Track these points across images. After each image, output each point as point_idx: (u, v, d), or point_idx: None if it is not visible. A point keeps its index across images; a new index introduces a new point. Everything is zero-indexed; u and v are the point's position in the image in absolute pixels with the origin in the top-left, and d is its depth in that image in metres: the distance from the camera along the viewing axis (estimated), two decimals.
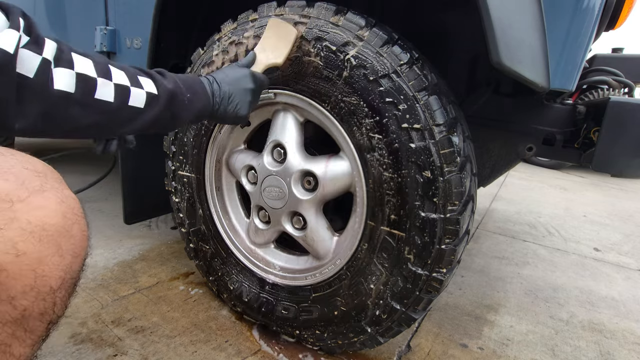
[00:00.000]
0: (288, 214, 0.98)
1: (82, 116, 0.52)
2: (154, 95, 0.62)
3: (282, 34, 0.83)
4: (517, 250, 1.96)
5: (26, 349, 0.39)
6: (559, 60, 0.84)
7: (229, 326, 1.13)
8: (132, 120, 0.60)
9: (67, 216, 0.40)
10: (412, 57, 0.78)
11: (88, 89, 0.52)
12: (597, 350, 1.20)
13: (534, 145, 1.09)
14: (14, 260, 0.34)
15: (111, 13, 1.29)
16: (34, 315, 0.37)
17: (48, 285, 0.37)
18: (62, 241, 0.38)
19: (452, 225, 0.78)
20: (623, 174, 0.87)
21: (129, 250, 1.53)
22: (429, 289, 0.83)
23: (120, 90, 0.57)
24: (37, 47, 0.46)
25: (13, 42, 0.42)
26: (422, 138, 0.76)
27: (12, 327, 0.36)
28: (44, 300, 0.37)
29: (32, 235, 0.36)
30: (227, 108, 0.76)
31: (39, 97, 0.46)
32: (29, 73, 0.44)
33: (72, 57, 0.51)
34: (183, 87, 0.68)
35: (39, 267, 0.36)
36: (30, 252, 0.35)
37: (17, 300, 0.35)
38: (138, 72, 0.63)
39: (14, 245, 0.34)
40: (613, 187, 3.87)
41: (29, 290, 0.36)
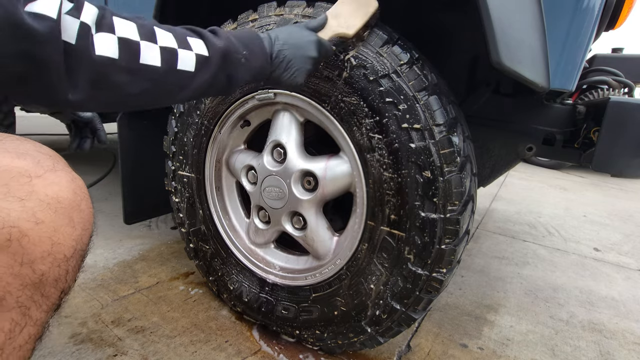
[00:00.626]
0: (288, 214, 0.98)
1: (130, 83, 0.50)
2: (204, 57, 0.58)
3: (361, 2, 0.75)
4: (517, 250, 1.96)
5: (42, 314, 0.41)
6: (559, 60, 0.84)
7: (229, 326, 1.13)
8: (184, 86, 0.57)
9: (77, 193, 0.43)
10: (412, 57, 0.78)
11: (132, 54, 0.50)
12: (597, 350, 1.20)
13: (534, 145, 1.09)
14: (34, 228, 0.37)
15: None
16: (49, 281, 0.40)
17: (62, 252, 0.41)
18: (73, 214, 0.42)
19: (452, 225, 0.78)
20: (623, 174, 0.87)
21: (129, 250, 1.53)
22: (429, 289, 0.83)
23: (167, 54, 0.54)
24: (76, 11, 0.45)
25: (55, 7, 0.41)
26: (422, 138, 0.76)
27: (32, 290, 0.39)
28: (59, 267, 0.41)
29: (49, 206, 0.39)
30: (283, 73, 0.70)
31: (84, 64, 0.45)
32: (72, 39, 0.43)
33: (113, 21, 0.49)
34: (238, 45, 0.62)
35: (55, 236, 0.39)
36: (47, 221, 0.38)
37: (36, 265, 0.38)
38: (187, 33, 0.59)
39: (34, 214, 0.37)
40: (613, 187, 3.87)
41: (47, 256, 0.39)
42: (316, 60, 0.73)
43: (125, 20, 0.51)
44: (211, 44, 0.59)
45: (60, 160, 0.44)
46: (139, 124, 1.35)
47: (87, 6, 0.47)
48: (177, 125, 1.11)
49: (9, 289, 0.37)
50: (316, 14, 0.84)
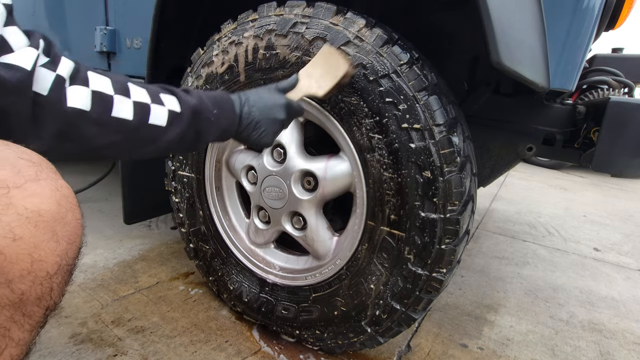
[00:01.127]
0: (288, 214, 0.98)
1: (99, 135, 0.50)
2: (176, 112, 0.59)
3: (332, 64, 0.77)
4: (517, 250, 1.96)
5: (25, 334, 0.39)
6: (559, 60, 0.84)
7: (229, 326, 1.13)
8: (153, 139, 0.57)
9: (62, 204, 0.40)
10: (412, 57, 0.78)
11: (104, 107, 0.50)
12: (597, 350, 1.20)
13: (534, 145, 1.09)
14: (10, 245, 0.35)
15: (111, 13, 1.29)
16: (31, 300, 0.38)
17: (45, 270, 0.38)
18: (57, 227, 0.39)
19: (452, 225, 0.78)
20: (623, 174, 0.87)
21: (129, 250, 1.53)
22: (429, 289, 0.83)
23: (140, 108, 0.54)
24: (52, 65, 0.46)
25: (31, 59, 0.42)
26: (422, 138, 0.76)
27: (11, 311, 0.37)
28: (41, 284, 0.38)
29: (28, 220, 0.36)
30: (251, 133, 0.72)
31: (53, 116, 0.46)
32: (43, 91, 0.44)
33: (87, 75, 0.50)
34: (209, 103, 0.64)
35: (36, 252, 0.37)
36: (26, 237, 0.36)
37: (15, 284, 0.36)
38: (160, 90, 0.60)
39: (11, 229, 0.35)
40: (613, 187, 3.87)
41: (26, 275, 0.36)
42: (284, 122, 0.76)
43: (99, 75, 0.52)
44: (183, 101, 0.61)
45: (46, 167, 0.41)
46: None
47: (63, 60, 0.48)
48: None
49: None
50: (316, 14, 0.84)
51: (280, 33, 0.87)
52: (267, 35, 0.89)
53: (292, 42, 0.86)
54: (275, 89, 0.76)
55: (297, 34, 0.85)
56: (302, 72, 0.80)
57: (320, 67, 0.78)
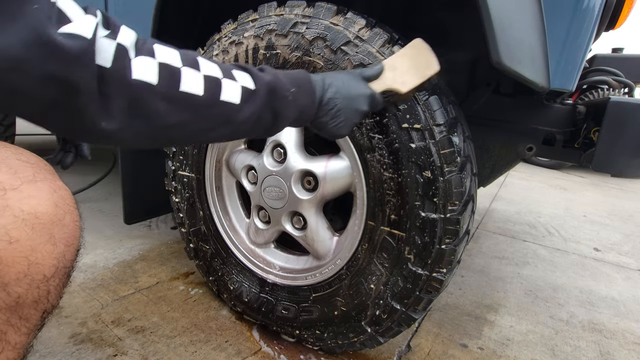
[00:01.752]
0: (288, 214, 0.98)
1: (168, 112, 0.46)
2: (250, 89, 0.54)
3: (421, 61, 0.71)
4: (517, 250, 1.96)
5: (22, 337, 0.39)
6: (559, 60, 0.84)
7: (229, 326, 1.13)
8: (227, 118, 0.53)
9: (59, 205, 0.39)
10: None
11: (173, 80, 0.46)
12: (597, 350, 1.20)
13: (534, 145, 1.09)
14: (7, 247, 0.34)
15: (111, 13, 1.29)
16: (28, 303, 0.38)
17: (41, 273, 0.38)
18: (54, 230, 0.38)
19: (452, 225, 0.78)
20: (623, 174, 0.87)
21: (129, 250, 1.53)
22: (429, 289, 0.83)
23: (211, 82, 0.50)
24: (113, 34, 0.42)
25: (90, 28, 0.39)
26: (422, 138, 0.76)
27: (7, 314, 0.36)
28: (38, 288, 0.38)
29: (25, 223, 0.36)
30: (329, 121, 0.65)
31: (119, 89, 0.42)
32: (107, 63, 0.41)
33: (153, 47, 0.47)
34: (285, 81, 0.59)
35: (32, 255, 0.36)
36: (23, 240, 0.35)
37: (11, 287, 0.35)
38: (232, 67, 0.56)
39: (7, 232, 0.34)
40: (613, 187, 3.87)
41: (23, 278, 0.36)
42: (365, 113, 0.69)
43: (167, 47, 0.49)
44: (258, 78, 0.56)
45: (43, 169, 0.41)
46: None
47: (124, 29, 0.44)
48: None
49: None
50: (316, 14, 0.84)
51: (281, 33, 0.87)
52: (267, 35, 0.89)
53: (292, 42, 0.86)
54: (360, 76, 0.69)
55: (297, 34, 0.85)
56: (387, 62, 0.72)
57: (409, 62, 0.71)
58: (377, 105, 0.71)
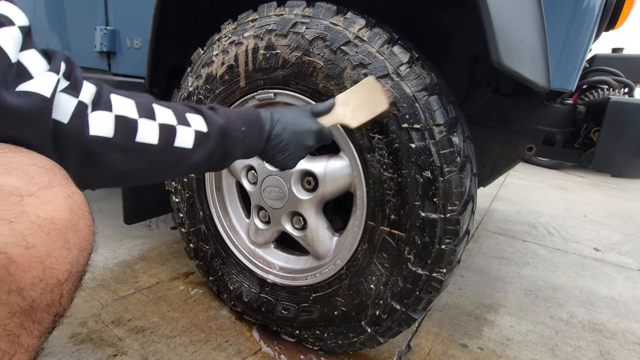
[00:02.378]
0: (288, 214, 0.98)
1: (122, 162, 0.48)
2: (203, 133, 0.57)
3: (372, 98, 0.75)
4: (517, 250, 1.96)
5: (34, 340, 0.39)
6: (559, 60, 0.84)
7: (229, 326, 1.13)
8: (179, 162, 0.55)
9: (74, 211, 0.40)
10: (412, 57, 0.78)
11: (128, 132, 0.48)
12: (597, 350, 1.20)
13: (534, 145, 1.08)
14: (23, 253, 0.35)
15: (111, 13, 1.29)
16: (41, 307, 0.38)
17: (55, 277, 0.38)
18: (69, 235, 0.39)
19: (452, 225, 0.78)
20: (623, 174, 0.87)
21: (129, 250, 1.53)
22: (429, 289, 0.83)
23: (165, 131, 0.52)
24: (74, 90, 0.43)
25: (51, 85, 0.40)
26: (422, 138, 0.76)
27: (21, 318, 0.37)
28: (52, 292, 0.38)
29: (41, 228, 0.36)
30: (277, 154, 0.70)
31: (74, 145, 0.43)
32: (64, 118, 0.42)
33: (110, 98, 0.48)
34: (237, 120, 0.62)
35: (47, 260, 0.37)
36: (39, 245, 0.36)
37: (26, 292, 0.36)
38: (187, 109, 0.58)
39: (24, 238, 0.35)
40: (613, 187, 3.87)
41: (38, 282, 0.37)
42: (311, 147, 0.73)
43: (123, 98, 0.49)
44: (210, 120, 0.58)
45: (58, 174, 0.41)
46: None
47: (85, 85, 0.45)
48: None
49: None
50: (316, 14, 0.84)
51: (281, 33, 0.87)
52: (267, 35, 0.89)
53: (292, 42, 0.86)
54: (310, 112, 0.74)
55: (297, 34, 0.85)
56: (340, 97, 0.77)
57: (360, 98, 0.75)
58: (325, 138, 0.74)
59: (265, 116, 0.68)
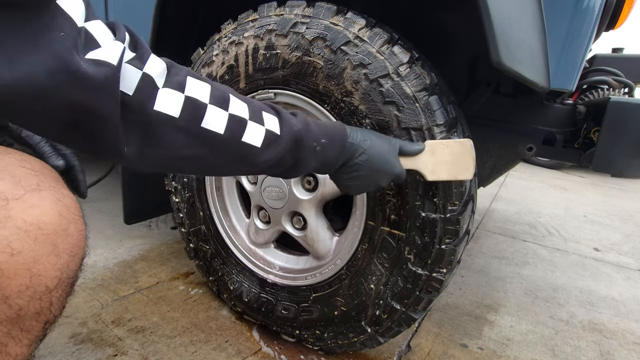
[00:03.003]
0: (288, 214, 0.98)
1: (184, 145, 0.46)
2: (275, 134, 0.54)
3: (460, 161, 0.71)
4: (517, 250, 1.96)
5: (23, 349, 0.38)
6: (559, 60, 0.84)
7: (229, 326, 1.13)
8: (244, 159, 0.53)
9: (64, 215, 0.39)
10: (412, 57, 0.78)
11: (195, 115, 0.46)
12: (597, 350, 1.20)
13: (534, 145, 1.09)
14: (8, 260, 0.34)
15: (111, 13, 1.29)
16: (29, 315, 0.37)
17: (44, 284, 0.37)
18: (58, 240, 0.38)
19: (452, 225, 0.78)
20: (623, 174, 0.87)
21: (129, 250, 1.53)
22: (429, 289, 0.83)
23: (235, 123, 0.50)
24: (139, 61, 0.42)
25: (117, 53, 0.39)
26: (422, 138, 0.76)
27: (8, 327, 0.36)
28: (40, 299, 0.37)
29: (28, 234, 0.35)
30: (345, 178, 0.66)
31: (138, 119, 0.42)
32: (129, 90, 0.40)
33: (185, 79, 0.46)
34: (317, 132, 0.59)
35: (35, 267, 0.36)
36: (25, 251, 0.35)
37: (12, 300, 0.35)
38: (264, 108, 0.55)
39: (9, 244, 0.34)
40: (613, 187, 3.87)
41: (25, 290, 0.35)
42: (382, 187, 0.68)
43: (199, 81, 0.48)
44: (286, 124, 0.56)
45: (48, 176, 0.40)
46: None
47: (153, 58, 0.43)
48: None
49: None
50: (316, 14, 0.84)
51: (281, 33, 0.87)
52: (267, 35, 0.89)
53: (292, 42, 0.86)
54: (397, 149, 0.69)
55: (297, 34, 0.85)
56: (430, 143, 0.72)
57: (449, 155, 0.71)
58: (399, 182, 0.71)
59: (353, 136, 0.64)
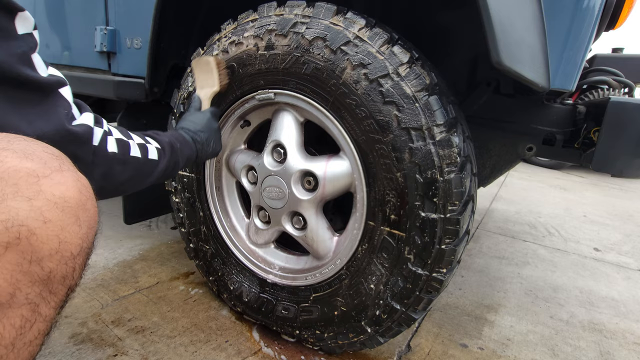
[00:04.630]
0: (288, 214, 0.98)
1: (122, 172, 0.64)
2: (160, 149, 0.74)
3: (204, 67, 0.95)
4: (517, 250, 1.96)
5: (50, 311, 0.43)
6: (559, 60, 0.84)
7: (229, 326, 1.13)
8: (151, 172, 0.72)
9: (82, 192, 0.44)
10: (412, 57, 0.78)
11: (125, 149, 0.65)
12: (597, 350, 1.20)
13: (534, 145, 1.09)
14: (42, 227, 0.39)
15: (111, 13, 1.29)
16: (57, 279, 0.42)
17: (69, 250, 0.42)
18: (79, 213, 0.43)
19: (452, 225, 0.78)
20: (623, 174, 0.87)
21: (129, 250, 1.53)
22: (429, 289, 0.83)
23: (142, 147, 0.69)
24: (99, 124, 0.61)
25: (90, 120, 0.59)
26: (422, 138, 0.76)
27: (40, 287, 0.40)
28: (66, 264, 0.42)
29: (56, 205, 0.40)
30: (206, 149, 0.90)
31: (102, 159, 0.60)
32: (96, 142, 0.59)
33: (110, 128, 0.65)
34: (174, 139, 0.80)
35: (62, 234, 0.41)
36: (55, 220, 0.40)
37: (45, 262, 0.40)
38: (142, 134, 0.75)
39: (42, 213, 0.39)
40: (613, 187, 3.87)
41: (54, 254, 0.40)
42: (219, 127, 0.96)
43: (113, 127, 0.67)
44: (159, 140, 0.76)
45: (66, 161, 0.46)
46: (139, 124, 1.35)
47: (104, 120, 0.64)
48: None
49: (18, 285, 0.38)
50: (316, 14, 0.84)
51: (281, 33, 0.87)
52: (267, 35, 0.89)
53: (292, 42, 0.86)
54: (195, 110, 0.94)
55: (297, 34, 0.85)
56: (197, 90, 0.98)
57: (201, 75, 0.97)
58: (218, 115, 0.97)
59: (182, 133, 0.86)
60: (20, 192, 0.38)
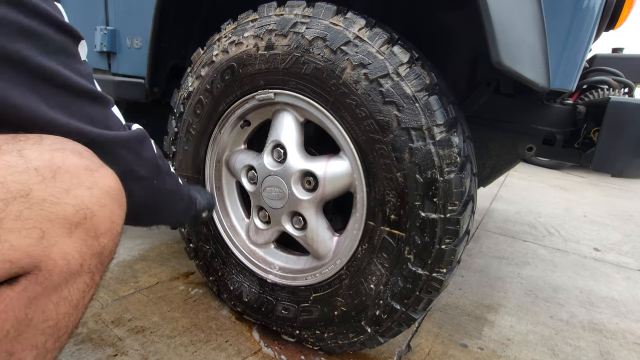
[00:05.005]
0: (288, 214, 0.98)
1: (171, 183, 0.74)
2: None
3: None
4: (517, 250, 1.96)
5: (98, 279, 0.52)
6: (559, 60, 0.84)
7: (229, 326, 1.13)
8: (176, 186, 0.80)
9: (119, 183, 0.54)
10: (412, 57, 0.78)
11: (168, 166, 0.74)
12: (597, 350, 1.20)
13: (534, 145, 1.09)
14: (100, 210, 0.49)
15: (111, 13, 1.29)
16: (107, 252, 0.51)
17: (116, 230, 0.52)
18: (122, 200, 0.53)
19: (452, 225, 0.78)
20: (623, 174, 0.87)
21: (129, 250, 1.53)
22: (429, 289, 0.83)
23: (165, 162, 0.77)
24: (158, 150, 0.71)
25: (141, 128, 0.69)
26: (422, 138, 0.76)
27: (97, 259, 0.50)
28: (113, 241, 0.52)
29: (107, 193, 0.50)
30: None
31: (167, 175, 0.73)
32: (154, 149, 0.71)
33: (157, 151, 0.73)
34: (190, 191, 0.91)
35: (112, 216, 0.51)
36: (107, 205, 0.50)
37: (101, 239, 0.49)
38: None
39: (99, 199, 0.49)
40: (613, 187, 3.87)
41: (107, 232, 0.50)
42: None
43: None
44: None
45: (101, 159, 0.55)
46: (139, 124, 1.35)
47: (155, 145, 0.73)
48: (177, 125, 1.11)
49: (84, 257, 0.48)
50: (316, 14, 0.84)
51: (281, 33, 0.87)
52: (267, 35, 0.89)
53: (292, 42, 0.86)
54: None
55: (297, 34, 0.85)
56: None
57: None
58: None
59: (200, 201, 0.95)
60: (82, 183, 0.48)
